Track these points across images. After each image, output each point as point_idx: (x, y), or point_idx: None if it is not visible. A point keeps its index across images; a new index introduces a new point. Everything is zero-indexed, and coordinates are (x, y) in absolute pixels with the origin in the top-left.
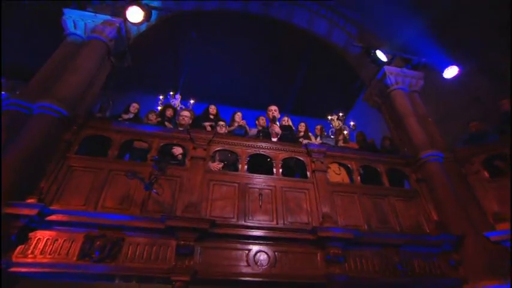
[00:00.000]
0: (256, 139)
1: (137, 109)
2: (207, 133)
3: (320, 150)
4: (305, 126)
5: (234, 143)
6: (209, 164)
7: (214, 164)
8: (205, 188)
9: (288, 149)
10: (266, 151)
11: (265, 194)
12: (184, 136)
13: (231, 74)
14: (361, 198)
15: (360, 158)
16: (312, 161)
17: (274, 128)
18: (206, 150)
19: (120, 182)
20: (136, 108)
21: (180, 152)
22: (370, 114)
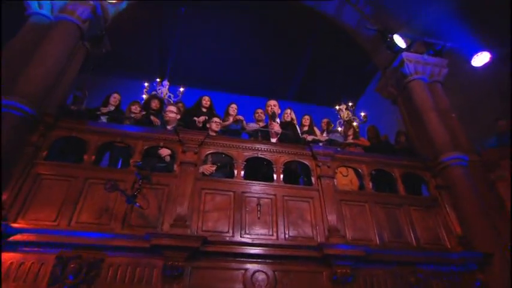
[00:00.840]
0: (253, 141)
1: (118, 100)
2: (198, 134)
3: (327, 153)
4: (310, 120)
5: (229, 145)
6: (200, 167)
7: (206, 166)
8: (197, 198)
9: (290, 151)
10: (265, 154)
11: (264, 204)
12: (172, 137)
13: (226, 56)
14: (372, 208)
15: (372, 161)
16: (318, 165)
17: (274, 126)
18: (197, 154)
19: (98, 192)
20: (118, 99)
21: (168, 153)
22: (383, 103)
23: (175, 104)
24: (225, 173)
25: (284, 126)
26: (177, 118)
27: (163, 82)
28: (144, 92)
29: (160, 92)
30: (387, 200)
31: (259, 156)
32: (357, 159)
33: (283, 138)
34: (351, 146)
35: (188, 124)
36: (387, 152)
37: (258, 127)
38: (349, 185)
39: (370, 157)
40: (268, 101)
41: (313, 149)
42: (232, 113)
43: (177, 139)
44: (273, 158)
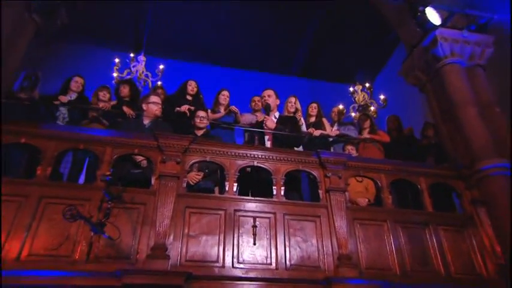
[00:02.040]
0: (249, 146)
1: (81, 85)
2: (182, 139)
3: (338, 160)
4: (318, 109)
5: (219, 152)
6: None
7: (191, 174)
8: (180, 219)
9: (293, 158)
10: (263, 162)
11: (262, 225)
12: (150, 143)
13: (217, 21)
14: (392, 228)
15: (392, 170)
16: (326, 175)
17: (266, 121)
18: (180, 164)
19: (57, 215)
20: (80, 84)
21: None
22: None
23: (157, 93)
24: (215, 181)
25: (284, 121)
26: (157, 112)
27: (139, 57)
28: (115, 70)
29: (135, 71)
30: (410, 218)
31: (255, 165)
32: (375, 167)
33: (278, 136)
34: (367, 142)
35: (169, 117)
36: (411, 150)
37: (255, 119)
38: (364, 192)
39: (391, 164)
40: (264, 90)
41: (321, 155)
42: (223, 102)
43: (155, 145)
44: (272, 167)
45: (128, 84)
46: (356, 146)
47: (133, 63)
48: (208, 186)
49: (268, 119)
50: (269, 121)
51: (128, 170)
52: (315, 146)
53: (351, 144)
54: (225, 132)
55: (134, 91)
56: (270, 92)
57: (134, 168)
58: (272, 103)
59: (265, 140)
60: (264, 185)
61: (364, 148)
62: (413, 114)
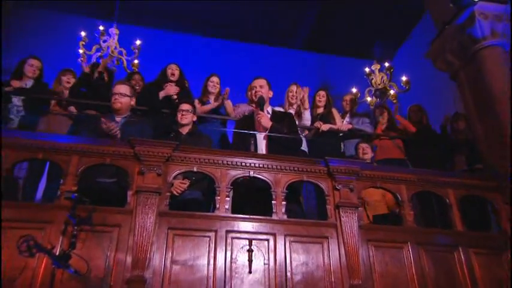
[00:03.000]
0: (244, 153)
1: (38, 69)
2: (164, 146)
3: (350, 169)
4: (326, 97)
5: (209, 161)
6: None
7: (176, 182)
8: (161, 244)
9: (296, 166)
10: (260, 172)
11: (259, 249)
12: (124, 150)
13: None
14: (414, 252)
15: (415, 180)
16: (336, 187)
17: (261, 117)
18: (162, 176)
19: (11, 241)
20: (37, 68)
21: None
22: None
23: (125, 80)
24: (203, 189)
25: (278, 118)
26: (130, 103)
27: (110, 30)
28: (81, 46)
29: (106, 47)
30: (436, 239)
31: (251, 176)
32: (394, 176)
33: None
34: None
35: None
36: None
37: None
38: (381, 201)
39: (413, 173)
40: (255, 79)
41: (330, 163)
42: (212, 90)
43: (131, 153)
44: (272, 178)
45: (96, 68)
46: (371, 144)
47: (103, 38)
48: (195, 196)
49: (263, 116)
50: (264, 118)
51: (96, 180)
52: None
53: (365, 142)
54: (216, 127)
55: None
56: (262, 82)
57: (105, 177)
58: (265, 95)
59: (258, 143)
60: (261, 200)
61: (380, 146)
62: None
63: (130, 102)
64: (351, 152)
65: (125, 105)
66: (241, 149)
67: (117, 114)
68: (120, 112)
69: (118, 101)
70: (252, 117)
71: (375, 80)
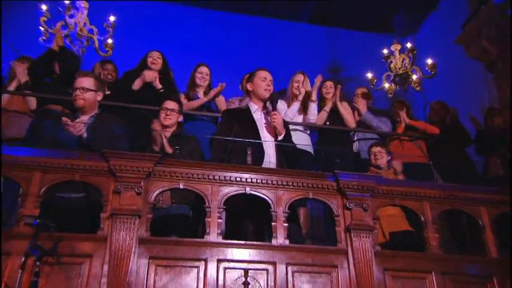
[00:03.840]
0: (238, 167)
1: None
2: (144, 159)
3: (364, 185)
4: (335, 89)
5: (197, 176)
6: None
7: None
8: (140, 277)
9: (301, 181)
10: (258, 188)
11: (257, 281)
12: (97, 165)
13: None
14: (440, 283)
15: (442, 197)
16: (347, 206)
17: (276, 120)
18: (142, 195)
19: None
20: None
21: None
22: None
23: (90, 72)
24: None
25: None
26: (96, 100)
27: (78, 2)
28: (42, 23)
29: (74, 24)
30: (465, 268)
31: (248, 193)
32: (416, 192)
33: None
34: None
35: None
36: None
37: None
38: (400, 215)
39: (439, 189)
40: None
41: (340, 178)
42: (201, 83)
43: (105, 168)
44: (272, 195)
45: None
46: (386, 148)
47: (69, 12)
48: (182, 211)
49: (279, 118)
50: (279, 120)
51: (57, 195)
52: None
53: (379, 145)
54: (206, 126)
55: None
56: (265, 73)
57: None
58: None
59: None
60: (259, 222)
61: (399, 149)
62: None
63: (96, 97)
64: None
65: (89, 101)
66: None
67: (82, 113)
68: (85, 110)
69: (80, 97)
70: (248, 114)
71: (395, 63)
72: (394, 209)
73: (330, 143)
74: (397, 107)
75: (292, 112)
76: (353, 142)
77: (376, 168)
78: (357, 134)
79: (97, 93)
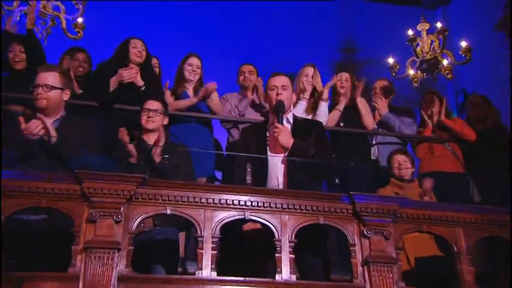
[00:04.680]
0: (235, 188)
1: None
2: (125, 180)
3: (384, 209)
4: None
5: (186, 200)
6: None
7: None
8: None
9: (309, 204)
10: (259, 213)
11: None
12: (68, 188)
13: None
14: None
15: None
16: (365, 233)
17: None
18: (122, 223)
19: None
20: None
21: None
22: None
23: (55, 66)
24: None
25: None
26: (62, 100)
27: None
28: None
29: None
30: None
31: (247, 218)
32: (447, 216)
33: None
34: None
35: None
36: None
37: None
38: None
39: (477, 212)
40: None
41: (357, 200)
42: (191, 77)
43: (77, 192)
44: (276, 220)
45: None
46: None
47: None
48: (168, 235)
49: (283, 131)
50: (284, 134)
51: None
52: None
53: (404, 153)
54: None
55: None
56: (284, 80)
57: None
58: (287, 100)
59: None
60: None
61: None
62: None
63: (63, 97)
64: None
65: (53, 102)
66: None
67: (45, 115)
68: (48, 112)
69: (43, 96)
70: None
71: (422, 46)
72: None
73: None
74: (427, 99)
75: (298, 111)
76: (371, 147)
77: (400, 181)
78: (376, 136)
79: (63, 91)
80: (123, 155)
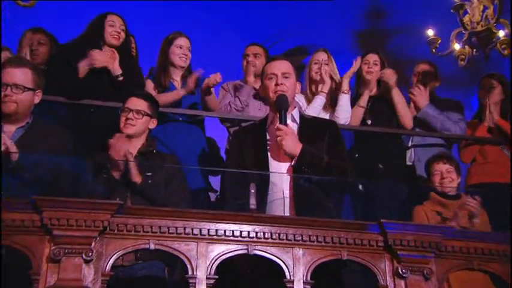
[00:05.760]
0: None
1: None
2: (98, 207)
3: (425, 240)
4: (380, 64)
5: (175, 230)
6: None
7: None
8: None
9: (328, 235)
10: (267, 247)
11: None
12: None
13: None
14: None
15: None
16: (400, 273)
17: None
18: (93, 263)
19: None
20: None
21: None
22: None
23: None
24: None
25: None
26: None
27: None
28: None
29: None
30: None
31: (251, 253)
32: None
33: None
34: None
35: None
36: None
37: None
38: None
39: None
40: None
41: (388, 230)
42: (180, 62)
43: (36, 222)
44: (287, 256)
45: None
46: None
47: None
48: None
49: (288, 134)
50: (289, 138)
51: None
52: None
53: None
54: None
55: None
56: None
57: None
58: (290, 92)
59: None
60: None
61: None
62: None
63: (34, 99)
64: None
65: (23, 106)
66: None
67: (10, 122)
68: (17, 118)
69: (11, 99)
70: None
71: (471, 14)
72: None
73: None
74: (486, 84)
75: (315, 109)
76: (407, 150)
77: (443, 197)
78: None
79: (35, 92)
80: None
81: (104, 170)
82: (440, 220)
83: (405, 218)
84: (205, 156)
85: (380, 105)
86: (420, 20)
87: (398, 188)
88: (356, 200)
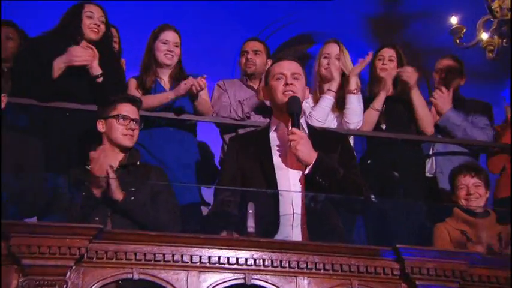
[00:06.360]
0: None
1: None
2: (75, 231)
3: (447, 268)
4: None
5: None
6: None
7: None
8: None
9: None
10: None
11: None
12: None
13: None
14: None
15: None
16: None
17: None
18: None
19: None
20: None
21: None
22: None
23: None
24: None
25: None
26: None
27: None
28: None
29: None
30: None
31: (248, 283)
32: None
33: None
34: None
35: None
36: None
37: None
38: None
39: None
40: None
41: (405, 256)
42: (166, 60)
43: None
44: (290, 286)
45: None
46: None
47: None
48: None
49: (302, 139)
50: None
51: None
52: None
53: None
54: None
55: None
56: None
57: None
58: (300, 93)
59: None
60: None
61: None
62: None
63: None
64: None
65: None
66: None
67: None
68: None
69: None
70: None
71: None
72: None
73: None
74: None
75: (322, 112)
76: (427, 159)
77: (468, 215)
78: (434, 144)
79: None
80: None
81: (82, 187)
82: (466, 240)
83: (424, 239)
84: (198, 165)
85: (396, 107)
86: (441, 5)
87: (417, 204)
88: (369, 219)
